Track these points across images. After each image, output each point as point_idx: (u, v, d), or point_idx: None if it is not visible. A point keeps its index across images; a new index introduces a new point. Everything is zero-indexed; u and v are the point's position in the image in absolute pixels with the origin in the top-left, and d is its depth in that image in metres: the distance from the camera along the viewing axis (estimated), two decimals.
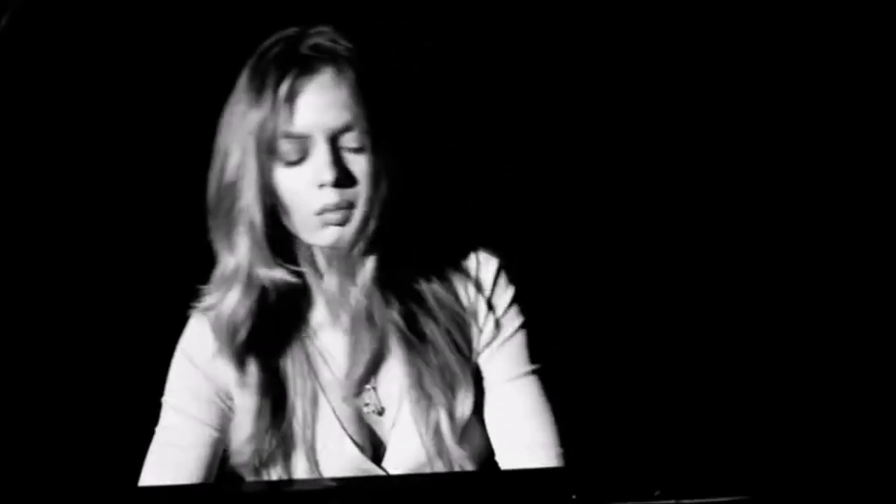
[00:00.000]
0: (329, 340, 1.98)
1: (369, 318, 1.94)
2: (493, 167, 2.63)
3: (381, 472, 1.96)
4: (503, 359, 1.99)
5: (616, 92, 2.65)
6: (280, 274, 1.91)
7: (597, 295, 2.69)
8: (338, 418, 1.97)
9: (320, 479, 1.95)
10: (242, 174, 1.88)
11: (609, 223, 2.70)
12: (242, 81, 1.91)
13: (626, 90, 2.66)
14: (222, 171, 1.91)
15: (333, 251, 1.92)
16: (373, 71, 1.90)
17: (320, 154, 1.86)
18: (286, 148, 1.86)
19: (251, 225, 1.89)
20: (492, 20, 2.62)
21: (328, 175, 1.85)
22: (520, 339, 2.00)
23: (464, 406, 1.95)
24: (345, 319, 1.96)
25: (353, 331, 1.96)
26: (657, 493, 1.54)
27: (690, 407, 2.64)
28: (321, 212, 1.87)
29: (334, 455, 1.96)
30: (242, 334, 1.92)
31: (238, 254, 1.90)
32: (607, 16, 2.64)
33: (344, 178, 1.86)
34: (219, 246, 1.94)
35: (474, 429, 1.98)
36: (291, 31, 1.92)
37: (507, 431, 1.97)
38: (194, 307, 1.98)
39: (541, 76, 2.65)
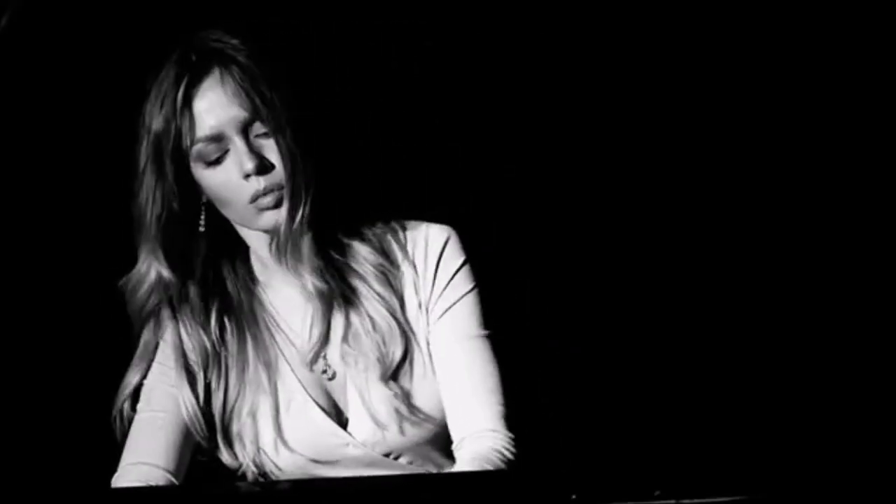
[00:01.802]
0: (284, 314, 2.08)
1: (319, 292, 2.04)
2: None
3: (345, 435, 2.03)
4: (452, 320, 2.06)
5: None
6: (167, 273, 2.03)
7: (595, 295, 2.69)
8: (301, 384, 2.05)
9: (312, 480, 1.97)
10: (150, 178, 1.99)
11: (610, 222, 2.70)
12: (151, 91, 2.01)
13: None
14: (133, 178, 2.02)
15: (273, 235, 2.01)
16: (258, 62, 1.99)
17: (237, 147, 1.96)
18: (204, 150, 1.97)
19: (147, 228, 2.01)
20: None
21: (249, 164, 1.95)
22: (469, 303, 2.07)
23: (393, 351, 2.03)
24: (297, 294, 2.06)
25: (306, 304, 2.06)
26: (657, 493, 1.54)
27: (690, 407, 2.64)
28: (253, 199, 1.97)
29: (300, 421, 2.04)
30: (151, 308, 2.06)
31: (160, 252, 2.03)
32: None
33: (263, 164, 1.96)
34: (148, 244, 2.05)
35: (421, 382, 2.05)
36: (182, 36, 2.03)
37: (450, 388, 2.03)
38: None
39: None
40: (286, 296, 2.08)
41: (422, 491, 1.67)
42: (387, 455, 2.03)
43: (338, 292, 2.04)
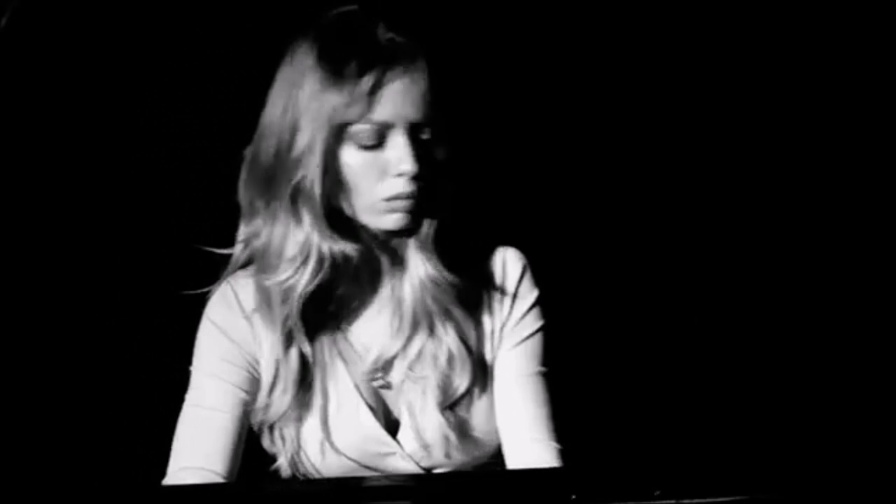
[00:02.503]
0: (353, 317, 2.04)
1: (402, 304, 2.01)
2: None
3: (394, 443, 2.01)
4: (519, 356, 2.05)
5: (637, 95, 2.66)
6: (341, 247, 1.95)
7: (595, 295, 2.69)
8: (356, 387, 2.02)
9: (319, 481, 1.96)
10: (310, 151, 1.91)
11: (609, 222, 2.70)
12: (309, 60, 1.93)
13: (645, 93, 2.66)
14: (289, 145, 1.93)
15: (388, 235, 1.97)
16: (446, 67, 1.94)
17: (399, 144, 1.91)
18: (363, 133, 1.90)
19: (312, 200, 1.92)
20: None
21: (407, 166, 1.90)
22: (538, 340, 2.06)
23: (457, 382, 2.02)
24: (374, 300, 2.03)
25: (380, 311, 2.03)
26: (657, 493, 1.54)
27: (690, 407, 2.64)
28: (391, 199, 1.92)
29: (351, 425, 2.01)
30: (299, 306, 1.98)
31: (305, 227, 1.94)
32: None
33: (420, 171, 1.91)
34: (267, 220, 1.98)
35: (478, 412, 2.04)
36: (350, 10, 1.95)
37: (511, 424, 2.02)
38: (252, 279, 2.01)
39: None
40: (361, 300, 2.04)
41: (422, 491, 1.67)
42: (429, 469, 2.03)
43: (420, 310, 2.01)
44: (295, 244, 1.96)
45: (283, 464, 2.03)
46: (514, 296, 2.06)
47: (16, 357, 2.49)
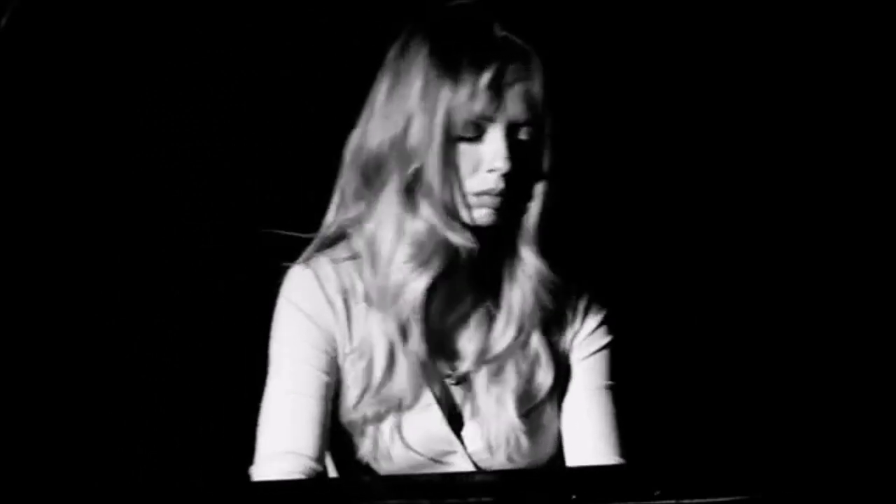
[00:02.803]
0: (437, 312, 2.02)
1: (504, 299, 2.01)
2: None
3: (457, 443, 2.01)
4: (588, 369, 2.06)
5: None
6: (461, 238, 1.95)
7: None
8: (433, 382, 2.02)
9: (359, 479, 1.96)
10: (426, 142, 1.92)
11: (614, 222, 2.70)
12: (423, 51, 1.94)
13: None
14: (403, 135, 1.94)
15: (471, 232, 1.96)
16: (555, 71, 1.95)
17: (496, 140, 1.91)
18: (466, 123, 1.91)
19: (431, 192, 1.93)
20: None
21: (501, 163, 1.90)
22: (607, 354, 2.08)
23: (539, 387, 2.02)
24: (480, 294, 2.02)
25: (465, 308, 2.02)
26: (657, 493, 1.54)
27: (690, 407, 2.64)
28: (480, 193, 1.92)
29: (420, 417, 2.00)
30: (422, 293, 1.97)
31: (423, 217, 1.95)
32: None
33: (513, 170, 1.91)
34: (372, 208, 1.98)
35: (548, 418, 2.05)
36: (466, 4, 1.96)
37: (576, 436, 2.04)
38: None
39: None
40: (445, 295, 2.03)
41: (423, 491, 1.67)
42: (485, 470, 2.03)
43: (523, 311, 2.01)
44: (411, 235, 1.96)
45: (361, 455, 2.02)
46: (588, 304, 2.07)
47: (17, 357, 2.49)
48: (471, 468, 2.01)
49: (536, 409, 2.03)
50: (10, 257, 2.49)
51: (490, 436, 2.01)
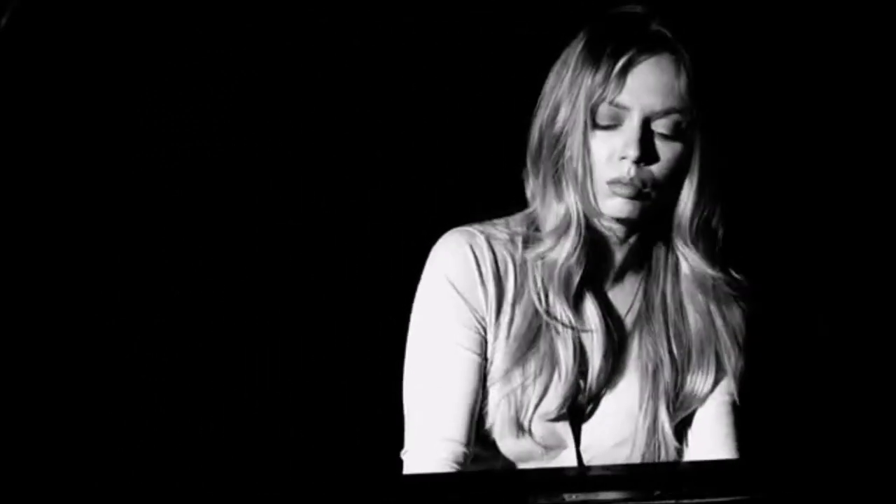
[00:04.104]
0: (599, 301, 2.03)
1: (651, 293, 2.04)
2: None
3: (571, 437, 2.01)
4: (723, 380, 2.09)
5: None
6: (604, 222, 1.98)
7: None
8: (566, 375, 2.01)
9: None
10: (570, 129, 1.96)
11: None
12: (582, 44, 1.98)
13: None
14: (552, 121, 1.99)
15: (610, 222, 1.99)
16: (709, 69, 1.97)
17: (631, 129, 1.94)
18: (603, 111, 1.94)
19: (576, 176, 1.96)
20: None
21: (632, 151, 1.93)
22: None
23: (691, 396, 2.04)
24: (626, 285, 2.05)
25: (631, 299, 2.05)
26: (657, 493, 1.54)
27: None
28: (613, 182, 1.94)
29: (543, 406, 2.00)
30: (576, 279, 1.99)
31: (568, 201, 1.98)
32: None
33: (645, 158, 1.94)
34: (537, 190, 2.01)
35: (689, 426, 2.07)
36: (638, 9, 1.99)
37: (703, 443, 2.06)
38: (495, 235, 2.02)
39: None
40: (608, 284, 2.05)
41: (423, 491, 1.67)
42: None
43: (667, 305, 2.04)
44: (556, 217, 1.98)
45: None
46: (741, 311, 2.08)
47: (19, 357, 2.49)
48: (569, 463, 2.01)
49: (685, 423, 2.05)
50: (10, 257, 2.49)
51: (615, 434, 2.02)
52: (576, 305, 2.00)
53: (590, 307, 2.01)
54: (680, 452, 2.04)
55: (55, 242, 2.53)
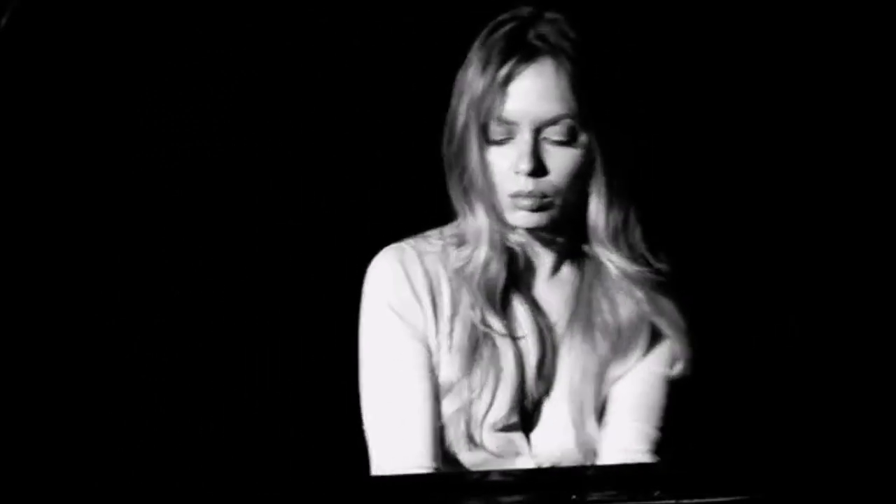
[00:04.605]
0: (531, 307, 2.03)
1: (577, 296, 2.03)
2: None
3: (526, 446, 2.00)
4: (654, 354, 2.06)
5: None
6: (515, 237, 1.99)
7: None
8: (508, 383, 2.01)
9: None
10: (466, 146, 1.96)
11: None
12: (475, 47, 1.97)
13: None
14: (450, 139, 1.99)
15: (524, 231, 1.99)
16: (594, 67, 1.95)
17: (522, 142, 1.93)
18: (494, 128, 1.93)
19: (481, 191, 1.96)
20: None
21: (524, 164, 1.92)
22: (667, 344, 2.09)
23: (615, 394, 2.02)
24: (554, 290, 2.03)
25: (560, 303, 2.03)
26: (657, 493, 1.54)
27: (690, 407, 2.64)
28: (514, 195, 1.94)
29: (493, 417, 1.99)
30: (499, 288, 1.98)
31: (478, 214, 1.98)
32: None
33: (540, 169, 1.93)
34: (456, 203, 2.01)
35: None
36: (526, 10, 1.97)
37: (617, 413, 2.02)
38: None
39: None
40: (536, 292, 2.04)
41: (422, 490, 1.67)
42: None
43: (590, 307, 2.02)
44: (471, 229, 1.99)
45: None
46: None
47: (17, 357, 2.49)
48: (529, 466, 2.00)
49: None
50: (9, 257, 2.49)
51: (562, 441, 2.00)
52: (508, 313, 2.00)
53: (522, 314, 2.01)
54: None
55: (55, 242, 2.53)
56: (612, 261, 2.00)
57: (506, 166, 1.94)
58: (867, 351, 2.64)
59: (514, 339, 2.00)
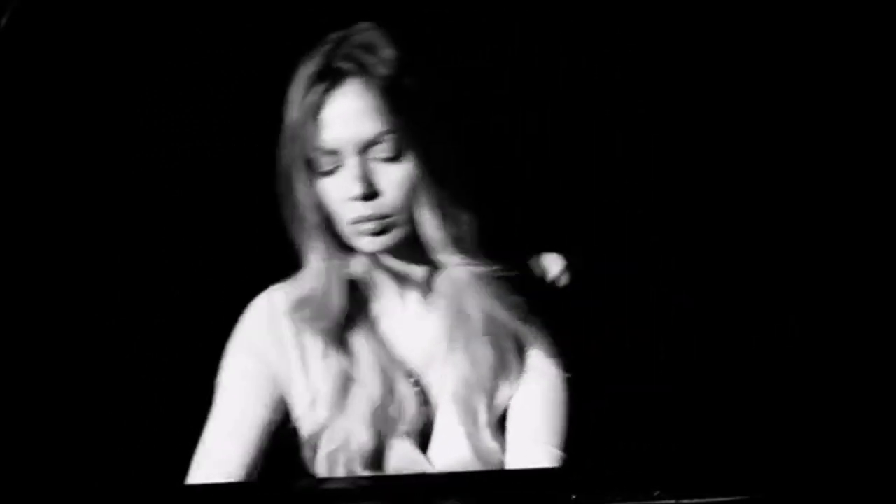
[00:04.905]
0: (393, 329, 2.02)
1: (427, 312, 2.02)
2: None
3: (424, 461, 1.98)
4: (542, 360, 2.04)
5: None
6: (357, 269, 1.98)
7: (592, 295, 2.69)
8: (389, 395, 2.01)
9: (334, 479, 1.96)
10: (294, 178, 1.95)
11: (608, 222, 2.70)
12: (292, 83, 1.96)
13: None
14: (279, 172, 1.98)
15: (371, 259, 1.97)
16: (405, 78, 1.92)
17: (349, 167, 1.90)
18: (320, 160, 1.91)
19: (316, 225, 1.95)
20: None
21: (356, 189, 1.90)
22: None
23: (503, 397, 2.00)
24: (410, 311, 2.02)
25: (425, 321, 2.02)
26: (657, 493, 1.54)
27: (690, 407, 2.64)
28: (354, 222, 1.92)
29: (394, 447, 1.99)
30: (337, 321, 1.98)
31: (317, 252, 1.97)
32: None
33: (371, 192, 1.90)
34: (298, 243, 2.00)
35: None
36: (335, 35, 1.96)
37: (520, 423, 2.00)
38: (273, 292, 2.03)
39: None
40: (399, 315, 2.04)
41: (421, 491, 1.67)
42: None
43: (457, 319, 2.01)
44: (312, 265, 1.99)
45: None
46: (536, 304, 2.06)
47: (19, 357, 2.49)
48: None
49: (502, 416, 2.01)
50: (9, 257, 2.49)
51: (457, 452, 1.98)
52: (365, 346, 1.99)
53: (381, 341, 2.00)
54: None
55: (55, 242, 2.53)
56: (457, 267, 1.98)
57: (339, 195, 1.91)
58: (867, 351, 2.64)
59: (384, 368, 1.99)
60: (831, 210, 2.67)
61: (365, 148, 1.90)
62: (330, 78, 1.91)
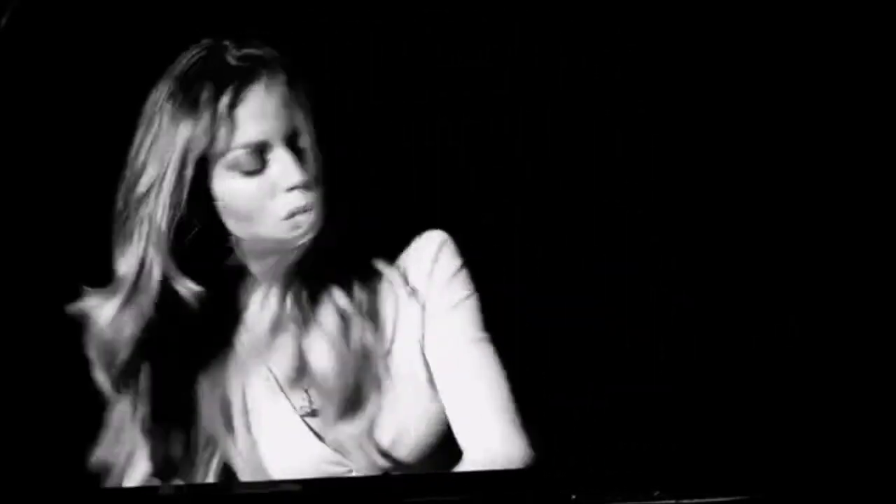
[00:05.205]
0: (259, 332, 2.01)
1: (303, 319, 1.98)
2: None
3: (349, 462, 1.97)
4: (452, 326, 1.98)
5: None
6: (186, 286, 1.96)
7: (591, 295, 2.69)
8: (295, 415, 1.99)
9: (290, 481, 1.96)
10: (155, 187, 1.91)
11: (606, 223, 2.70)
12: (160, 99, 1.93)
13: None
14: (134, 184, 1.96)
15: (267, 262, 1.93)
16: (301, 72, 1.93)
17: (283, 159, 1.88)
18: (243, 158, 1.87)
19: (157, 235, 1.92)
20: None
21: (297, 178, 1.87)
22: (469, 307, 2.00)
23: (385, 399, 1.97)
24: (278, 322, 2.00)
25: (279, 328, 2.00)
26: (657, 493, 1.54)
27: (690, 407, 2.64)
28: (291, 215, 1.89)
29: (293, 450, 1.97)
30: (123, 355, 1.98)
31: (129, 261, 1.96)
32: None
33: (308, 179, 1.89)
34: (115, 253, 1.99)
35: (409, 424, 1.99)
36: (205, 43, 1.96)
37: (459, 394, 1.96)
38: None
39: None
40: (260, 317, 2.02)
41: (421, 490, 1.67)
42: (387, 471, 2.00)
43: (301, 317, 1.99)
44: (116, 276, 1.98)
45: None
46: (433, 265, 2.00)
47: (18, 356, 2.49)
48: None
49: (377, 411, 1.98)
50: (9, 257, 2.49)
51: (346, 449, 1.97)
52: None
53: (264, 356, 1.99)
54: (389, 456, 1.96)
55: (55, 242, 2.53)
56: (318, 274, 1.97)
57: (267, 191, 1.88)
58: (867, 351, 2.64)
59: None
60: (831, 210, 2.67)
61: (290, 139, 1.89)
62: (236, 77, 1.89)
